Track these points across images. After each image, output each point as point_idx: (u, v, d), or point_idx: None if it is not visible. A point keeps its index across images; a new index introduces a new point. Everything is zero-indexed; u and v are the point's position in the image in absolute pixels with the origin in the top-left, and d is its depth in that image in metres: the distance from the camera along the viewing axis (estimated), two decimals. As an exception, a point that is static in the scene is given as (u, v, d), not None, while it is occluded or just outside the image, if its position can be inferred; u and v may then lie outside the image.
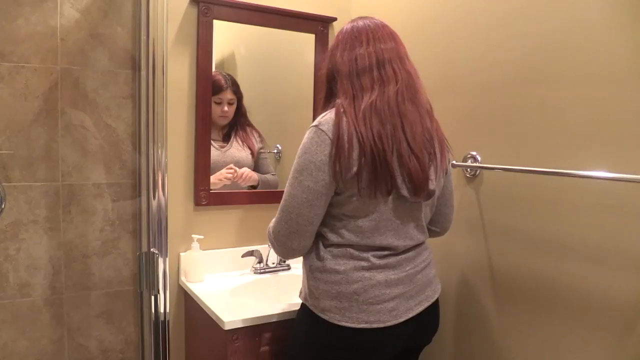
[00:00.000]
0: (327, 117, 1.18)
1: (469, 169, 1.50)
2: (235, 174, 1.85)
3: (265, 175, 1.94)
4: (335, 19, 1.96)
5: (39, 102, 1.55)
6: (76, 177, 1.62)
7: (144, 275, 1.44)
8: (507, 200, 1.40)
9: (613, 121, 1.14)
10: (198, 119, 1.75)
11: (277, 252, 1.29)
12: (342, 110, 1.17)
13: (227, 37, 1.82)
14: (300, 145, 1.20)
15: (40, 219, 1.58)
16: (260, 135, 1.93)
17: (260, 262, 1.84)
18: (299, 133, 2.00)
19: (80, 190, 1.63)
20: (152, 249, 1.41)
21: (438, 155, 1.25)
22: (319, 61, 1.95)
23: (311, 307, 1.24)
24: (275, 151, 1.96)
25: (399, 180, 1.17)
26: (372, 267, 1.20)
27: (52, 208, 1.60)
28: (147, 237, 1.44)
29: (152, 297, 1.45)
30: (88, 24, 1.60)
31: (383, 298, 1.19)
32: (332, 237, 1.22)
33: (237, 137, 1.89)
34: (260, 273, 1.83)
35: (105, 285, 1.69)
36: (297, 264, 1.92)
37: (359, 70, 1.20)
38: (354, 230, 1.20)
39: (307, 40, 1.94)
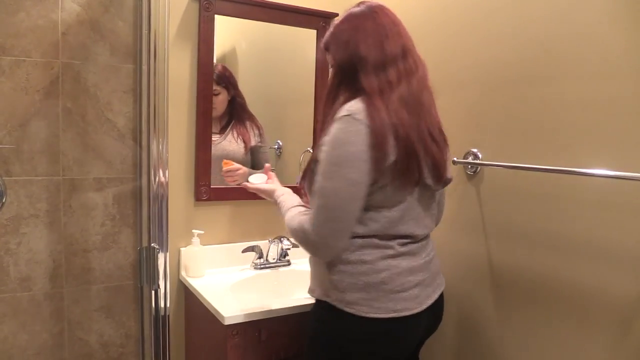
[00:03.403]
0: (358, 106, 1.12)
1: (469, 166, 1.50)
2: (228, 169, 1.81)
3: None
4: (336, 15, 1.96)
5: (40, 96, 1.55)
6: (77, 171, 1.62)
7: (144, 269, 1.44)
8: (507, 198, 1.40)
9: (614, 119, 1.14)
10: (199, 113, 1.75)
11: (320, 255, 1.20)
12: (371, 101, 1.13)
13: (228, 31, 1.82)
14: (331, 137, 1.12)
15: (41, 213, 1.59)
16: (260, 130, 1.92)
17: (260, 257, 1.84)
18: (299, 128, 2.03)
19: (80, 184, 1.63)
20: (152, 244, 1.41)
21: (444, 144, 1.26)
22: (320, 57, 1.95)
23: (334, 302, 1.19)
24: (276, 147, 1.96)
25: (426, 170, 1.18)
26: (397, 255, 1.20)
27: (52, 202, 1.60)
28: (148, 232, 1.44)
29: (152, 292, 1.45)
30: (89, 18, 1.59)
31: (408, 285, 1.19)
32: (358, 228, 1.18)
33: (234, 130, 1.87)
34: (261, 268, 1.83)
35: (106, 280, 1.70)
36: (296, 260, 1.92)
37: (386, 61, 1.16)
38: (380, 220, 1.18)
39: (308, 36, 1.94)
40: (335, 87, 1.22)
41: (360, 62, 1.16)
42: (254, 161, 1.92)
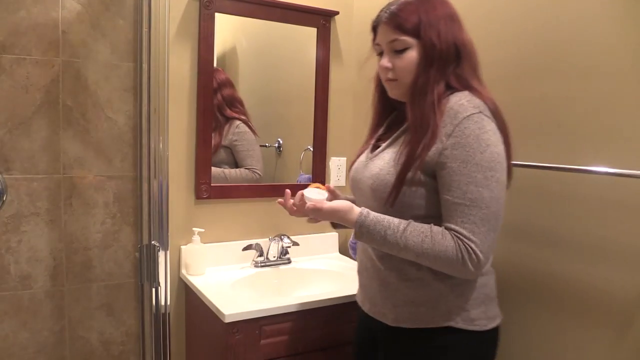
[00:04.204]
0: (477, 101, 1.03)
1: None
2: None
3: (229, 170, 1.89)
4: (337, 13, 1.96)
5: (41, 94, 1.55)
6: (77, 169, 1.62)
7: (145, 267, 1.44)
8: (508, 196, 1.39)
9: (615, 117, 1.13)
10: (199, 111, 1.75)
11: (475, 274, 1.05)
12: (482, 94, 1.06)
13: (228, 30, 1.82)
14: (471, 139, 1.00)
15: (41, 212, 1.59)
16: (237, 128, 1.87)
17: (260, 255, 1.84)
18: (300, 127, 2.03)
19: (81, 182, 1.63)
20: (153, 242, 1.42)
21: None
22: (321, 55, 1.95)
23: (459, 325, 1.09)
24: (277, 145, 1.96)
25: None
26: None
27: (53, 200, 1.60)
28: (148, 230, 1.45)
29: (153, 290, 1.45)
30: (90, 16, 1.59)
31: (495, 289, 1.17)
32: None
33: (216, 132, 1.84)
34: (261, 266, 1.83)
35: (106, 278, 1.70)
36: (296, 258, 1.92)
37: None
38: None
39: (309, 34, 1.94)
40: (426, 76, 1.07)
41: (462, 48, 1.08)
42: (236, 159, 1.89)
